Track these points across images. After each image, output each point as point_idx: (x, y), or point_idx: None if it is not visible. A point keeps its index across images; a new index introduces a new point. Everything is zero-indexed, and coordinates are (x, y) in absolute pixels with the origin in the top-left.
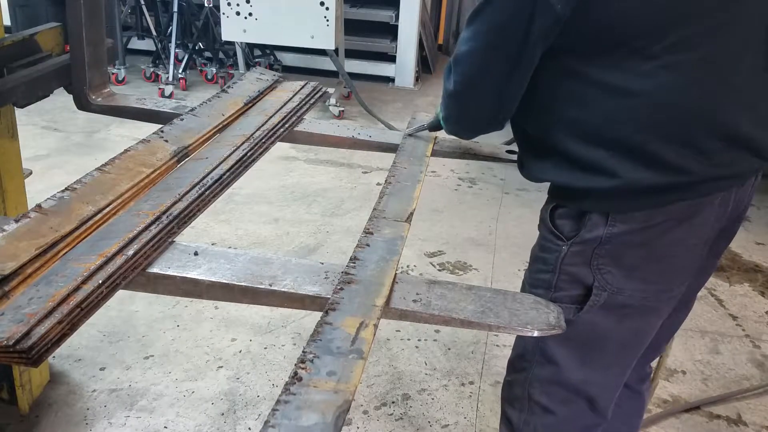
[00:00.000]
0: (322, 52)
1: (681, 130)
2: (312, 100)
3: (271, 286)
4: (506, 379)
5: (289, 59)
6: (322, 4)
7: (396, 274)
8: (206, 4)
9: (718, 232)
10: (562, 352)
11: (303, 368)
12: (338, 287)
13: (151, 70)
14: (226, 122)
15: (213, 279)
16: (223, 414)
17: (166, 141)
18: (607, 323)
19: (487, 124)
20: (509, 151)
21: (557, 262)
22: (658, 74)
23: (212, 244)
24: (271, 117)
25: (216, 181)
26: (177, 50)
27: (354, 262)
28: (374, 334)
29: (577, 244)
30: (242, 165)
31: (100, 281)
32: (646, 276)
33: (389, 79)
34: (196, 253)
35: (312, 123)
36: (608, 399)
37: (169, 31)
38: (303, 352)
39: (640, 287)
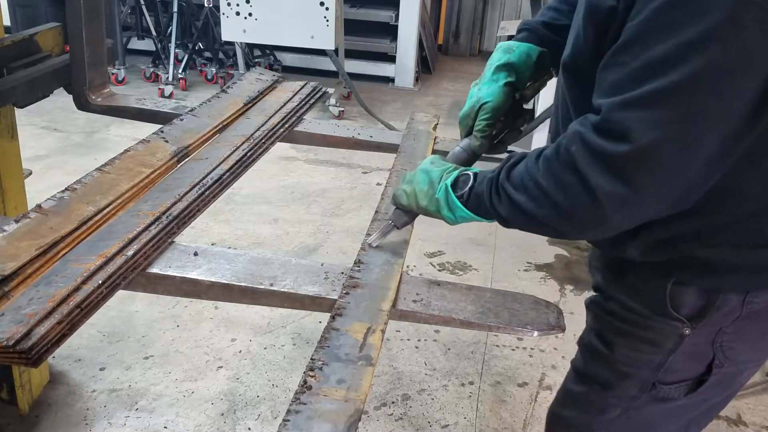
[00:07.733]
0: (322, 52)
1: None
2: (312, 100)
3: (271, 286)
4: None
5: (289, 59)
6: (322, 4)
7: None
8: (206, 4)
9: None
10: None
11: (312, 376)
12: (344, 292)
13: (151, 70)
14: (225, 122)
15: (213, 279)
16: (222, 414)
17: (166, 141)
18: (709, 396)
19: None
20: (509, 151)
21: (676, 345)
22: None
23: (212, 245)
24: (270, 117)
25: (216, 181)
26: (177, 50)
27: (358, 266)
28: (382, 340)
29: (704, 326)
30: (242, 165)
31: (100, 281)
32: (765, 346)
33: (389, 80)
34: (195, 254)
35: (312, 123)
36: None
37: (168, 31)
38: (311, 359)
39: (754, 357)
